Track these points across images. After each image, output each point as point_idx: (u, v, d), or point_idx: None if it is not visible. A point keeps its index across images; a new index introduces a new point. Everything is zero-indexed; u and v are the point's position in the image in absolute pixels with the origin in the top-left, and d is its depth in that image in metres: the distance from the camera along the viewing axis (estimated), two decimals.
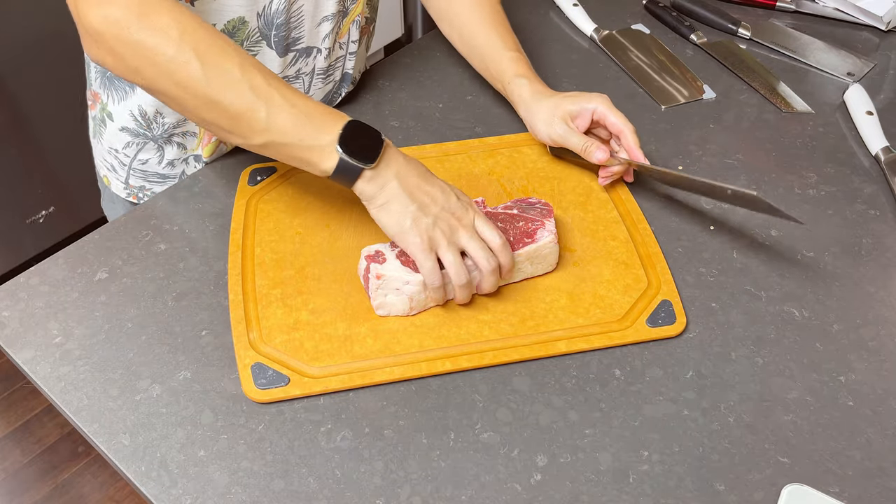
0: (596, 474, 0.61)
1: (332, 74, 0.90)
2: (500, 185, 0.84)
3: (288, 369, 0.66)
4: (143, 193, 0.92)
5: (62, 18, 1.74)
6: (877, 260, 0.79)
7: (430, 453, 0.62)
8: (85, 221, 1.94)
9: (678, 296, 0.73)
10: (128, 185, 0.92)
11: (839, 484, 0.61)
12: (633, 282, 0.74)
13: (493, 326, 0.70)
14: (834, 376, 0.68)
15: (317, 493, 0.60)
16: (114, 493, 1.59)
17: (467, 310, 0.71)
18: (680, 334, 0.71)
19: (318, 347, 0.68)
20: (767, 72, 1.04)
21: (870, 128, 0.93)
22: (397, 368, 0.67)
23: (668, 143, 0.92)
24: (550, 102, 0.84)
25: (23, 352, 0.69)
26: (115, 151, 0.90)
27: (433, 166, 0.86)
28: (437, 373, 0.67)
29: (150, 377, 0.67)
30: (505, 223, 0.73)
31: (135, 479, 0.61)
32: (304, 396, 0.66)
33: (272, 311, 0.71)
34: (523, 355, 0.68)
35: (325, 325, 0.70)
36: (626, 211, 0.81)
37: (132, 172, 0.91)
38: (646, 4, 1.15)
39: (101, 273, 0.76)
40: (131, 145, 0.88)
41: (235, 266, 0.74)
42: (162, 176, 0.90)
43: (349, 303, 0.72)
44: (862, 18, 1.13)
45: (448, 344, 0.69)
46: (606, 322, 0.71)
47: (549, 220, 0.73)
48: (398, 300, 0.70)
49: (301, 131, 0.66)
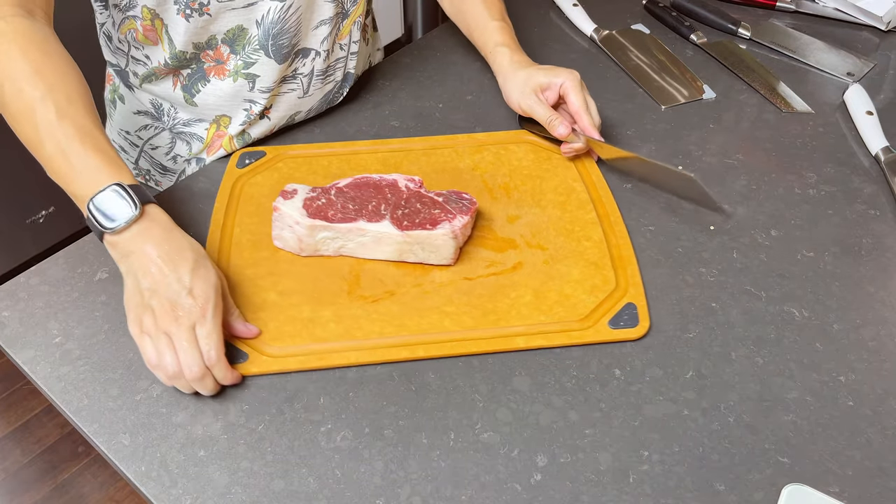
0: (596, 474, 0.61)
1: (333, 75, 0.90)
2: (483, 180, 0.85)
3: (249, 347, 0.68)
4: (149, 177, 0.96)
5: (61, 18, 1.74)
6: (877, 260, 0.79)
7: (430, 453, 0.62)
8: (85, 221, 1.94)
9: (644, 299, 0.72)
10: (137, 167, 0.96)
11: (839, 484, 0.61)
12: (601, 283, 0.74)
13: (455, 318, 0.71)
14: (834, 376, 0.68)
15: (317, 493, 0.60)
16: (114, 493, 1.59)
17: (432, 301, 0.72)
18: (641, 338, 0.70)
19: (280, 328, 0.69)
20: (767, 72, 1.04)
21: (870, 128, 0.93)
22: (354, 353, 0.68)
23: (668, 142, 0.92)
24: (525, 73, 0.88)
25: (23, 352, 0.69)
26: (125, 133, 0.94)
27: (419, 159, 0.87)
28: (394, 360, 0.68)
29: (150, 377, 0.67)
30: (424, 205, 0.75)
31: (135, 479, 0.61)
32: (261, 374, 0.67)
33: (242, 291, 0.72)
34: (481, 348, 0.69)
35: (290, 307, 0.71)
36: (604, 213, 0.81)
37: (143, 155, 0.94)
38: (646, 4, 1.15)
39: (101, 273, 0.76)
40: (148, 128, 0.92)
41: (213, 245, 0.76)
42: (164, 168, 0.93)
43: (317, 287, 0.73)
44: (862, 18, 1.13)
45: (408, 332, 0.70)
46: (568, 321, 0.71)
47: (461, 216, 0.74)
48: (290, 237, 0.75)
49: (65, 178, 0.68)
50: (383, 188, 0.77)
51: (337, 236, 0.74)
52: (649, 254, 0.79)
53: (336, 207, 0.74)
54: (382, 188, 0.77)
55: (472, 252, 0.77)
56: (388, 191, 0.77)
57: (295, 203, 0.74)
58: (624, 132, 0.94)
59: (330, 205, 0.75)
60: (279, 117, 0.89)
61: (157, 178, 0.95)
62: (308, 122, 0.93)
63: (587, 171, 0.86)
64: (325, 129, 0.93)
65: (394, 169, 0.86)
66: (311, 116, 0.93)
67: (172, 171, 0.93)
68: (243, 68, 0.83)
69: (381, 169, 0.86)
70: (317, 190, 0.76)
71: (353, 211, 0.74)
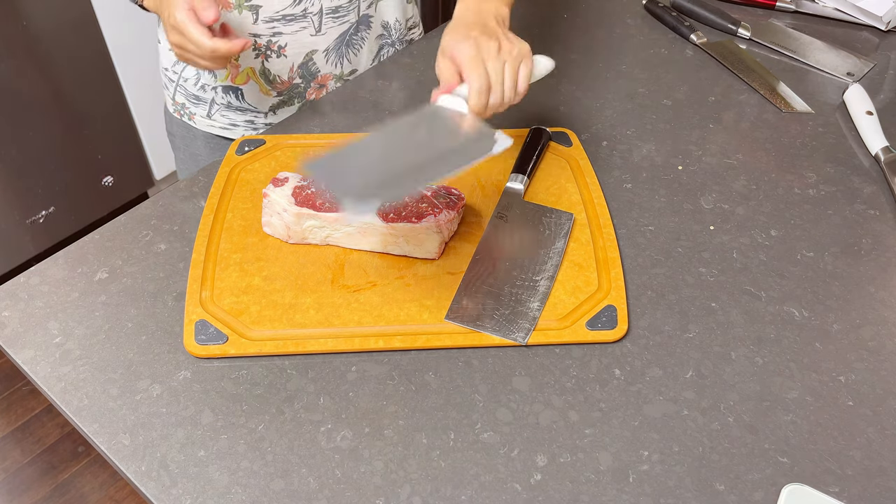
0: (596, 474, 0.61)
1: (346, 15, 0.93)
2: (476, 177, 0.85)
3: (229, 329, 0.69)
4: (184, 111, 1.04)
5: (61, 18, 1.74)
6: (877, 260, 0.79)
7: (430, 453, 0.62)
8: (85, 221, 1.94)
9: (625, 302, 0.72)
10: (174, 102, 1.05)
11: (839, 484, 0.61)
12: (583, 284, 0.74)
13: (434, 312, 0.71)
14: (834, 376, 0.68)
15: (317, 493, 0.60)
16: (114, 493, 1.59)
17: (413, 293, 0.73)
18: (619, 340, 0.70)
19: (261, 313, 0.71)
20: (767, 72, 1.04)
21: (870, 128, 0.93)
22: (332, 341, 0.69)
23: (668, 143, 0.92)
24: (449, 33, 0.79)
25: (23, 352, 0.69)
26: (165, 70, 1.03)
27: None
28: (370, 349, 0.69)
29: (150, 377, 0.67)
30: (412, 199, 0.76)
31: (135, 479, 0.61)
32: (238, 356, 0.68)
33: (228, 274, 0.74)
34: (456, 342, 0.69)
35: (273, 293, 0.72)
36: (594, 214, 0.81)
37: (178, 89, 1.02)
38: (646, 4, 1.15)
39: (101, 273, 0.76)
40: (179, 63, 0.99)
41: (205, 228, 0.78)
42: (196, 97, 1.02)
43: (301, 273, 0.74)
44: (862, 18, 1.13)
45: (386, 323, 0.70)
46: (546, 320, 0.71)
47: (447, 211, 0.75)
48: (279, 224, 0.76)
49: None
50: None
51: (324, 225, 0.75)
52: (649, 254, 0.79)
53: (325, 197, 0.75)
54: None
55: (458, 247, 0.77)
56: None
57: (284, 191, 0.75)
58: (624, 132, 0.94)
59: (319, 194, 0.76)
60: (295, 54, 0.94)
61: (191, 111, 1.03)
62: (308, 120, 0.93)
63: (581, 172, 0.86)
64: (325, 126, 0.93)
65: None
66: (332, 59, 0.97)
67: (204, 101, 1.01)
68: (246, 0, 0.88)
69: None
70: (308, 179, 0.77)
71: None
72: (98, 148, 1.87)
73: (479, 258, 0.76)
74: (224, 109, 1.01)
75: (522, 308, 0.71)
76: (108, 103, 1.84)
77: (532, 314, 0.71)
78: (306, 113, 0.95)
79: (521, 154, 0.86)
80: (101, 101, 1.82)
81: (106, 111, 1.85)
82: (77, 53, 1.70)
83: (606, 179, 0.87)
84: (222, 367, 0.68)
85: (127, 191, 2.01)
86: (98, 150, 1.87)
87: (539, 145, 0.87)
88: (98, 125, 1.84)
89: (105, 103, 1.83)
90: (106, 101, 1.83)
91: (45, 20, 1.60)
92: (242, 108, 1.00)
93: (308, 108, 0.96)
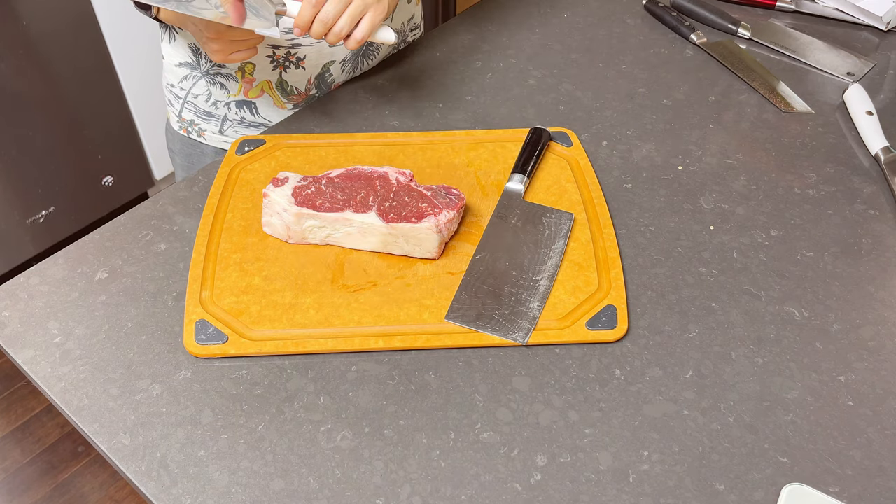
0: (596, 474, 0.61)
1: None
2: (476, 177, 0.85)
3: (229, 329, 0.69)
4: (192, 128, 1.02)
5: (61, 18, 1.74)
6: (877, 260, 0.79)
7: (430, 453, 0.62)
8: (85, 221, 1.94)
9: (625, 302, 0.72)
10: (181, 119, 1.04)
11: (839, 484, 0.61)
12: (583, 284, 0.74)
13: (434, 312, 0.71)
14: (834, 376, 0.69)
15: (317, 493, 0.60)
16: (114, 493, 1.59)
17: (413, 293, 0.73)
18: (619, 340, 0.70)
19: (261, 312, 0.71)
20: (767, 72, 1.04)
21: (870, 128, 0.93)
22: (331, 341, 0.69)
23: (668, 143, 0.92)
24: None
25: (23, 352, 0.69)
26: (170, 87, 1.02)
27: (414, 153, 0.88)
28: (370, 349, 0.69)
29: (150, 377, 0.67)
30: (412, 199, 0.76)
31: (135, 478, 0.61)
32: (238, 356, 0.68)
33: (228, 274, 0.74)
34: (456, 342, 0.69)
35: (273, 293, 0.73)
36: (594, 214, 0.81)
37: (185, 105, 1.02)
38: (646, 4, 1.15)
39: (101, 273, 0.76)
40: (188, 79, 0.99)
41: (205, 228, 0.78)
42: (207, 114, 1.01)
43: (301, 274, 0.74)
44: (862, 18, 1.13)
45: (386, 323, 0.70)
46: (546, 320, 0.71)
47: (447, 211, 0.75)
48: (279, 224, 0.76)
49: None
50: (373, 180, 0.78)
51: (323, 225, 0.75)
52: (649, 254, 0.79)
53: (325, 197, 0.75)
54: (373, 180, 0.78)
55: (458, 247, 0.77)
56: (378, 183, 0.77)
57: (284, 191, 0.76)
58: (624, 132, 0.94)
59: (319, 194, 0.76)
60: (313, 65, 0.95)
61: (201, 128, 1.02)
62: (308, 120, 0.93)
63: (581, 172, 0.86)
64: (325, 126, 0.93)
65: (388, 162, 0.87)
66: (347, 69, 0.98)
67: (216, 117, 1.00)
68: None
69: (377, 161, 0.87)
70: (307, 179, 0.77)
71: (341, 201, 0.75)
72: (98, 148, 1.87)
73: (479, 258, 0.76)
74: (237, 125, 1.01)
75: (522, 308, 0.71)
76: (108, 103, 1.84)
77: (532, 314, 0.71)
78: (306, 113, 0.95)
79: (522, 154, 0.86)
80: (101, 101, 1.82)
81: (106, 111, 1.85)
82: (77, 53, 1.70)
83: (606, 179, 0.87)
84: (222, 367, 0.68)
85: (127, 191, 2.01)
86: (98, 150, 1.87)
87: (539, 145, 0.87)
88: (98, 125, 1.84)
89: (105, 103, 1.83)
90: (106, 101, 1.83)
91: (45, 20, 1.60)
92: (256, 123, 1.00)
93: (308, 108, 0.96)
